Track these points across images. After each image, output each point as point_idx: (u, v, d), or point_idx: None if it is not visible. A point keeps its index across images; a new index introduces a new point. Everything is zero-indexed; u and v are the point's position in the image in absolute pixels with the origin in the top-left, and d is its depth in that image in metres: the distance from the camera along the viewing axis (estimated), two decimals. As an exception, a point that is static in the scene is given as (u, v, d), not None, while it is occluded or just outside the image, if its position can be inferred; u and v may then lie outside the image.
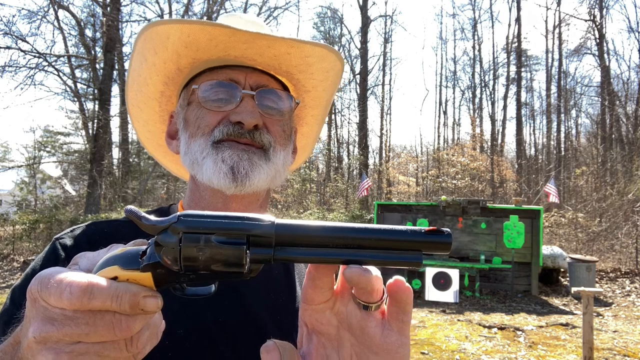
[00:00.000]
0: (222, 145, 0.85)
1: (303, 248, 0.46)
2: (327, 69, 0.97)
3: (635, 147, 19.86)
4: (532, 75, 31.13)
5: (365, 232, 0.46)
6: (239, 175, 0.83)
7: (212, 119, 0.87)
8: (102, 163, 17.96)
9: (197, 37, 0.85)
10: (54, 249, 0.84)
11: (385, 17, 29.29)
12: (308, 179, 23.18)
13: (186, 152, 0.89)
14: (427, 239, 0.46)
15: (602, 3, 24.43)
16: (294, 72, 0.96)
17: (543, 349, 6.19)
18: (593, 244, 14.32)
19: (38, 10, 18.46)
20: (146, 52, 0.89)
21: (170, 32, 0.84)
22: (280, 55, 0.90)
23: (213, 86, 0.88)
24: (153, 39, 0.86)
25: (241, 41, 0.86)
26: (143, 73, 0.93)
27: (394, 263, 0.47)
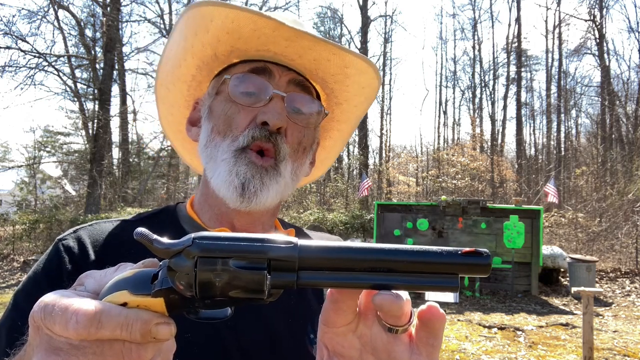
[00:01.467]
0: (243, 157, 0.83)
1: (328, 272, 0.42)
2: (363, 84, 0.94)
3: (635, 147, 19.86)
4: (532, 75, 31.17)
5: (396, 253, 0.42)
6: (247, 192, 0.81)
7: (242, 120, 0.84)
8: (102, 163, 17.97)
9: (241, 25, 0.82)
10: (56, 250, 0.81)
11: (385, 17, 29.33)
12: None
13: (207, 145, 0.87)
14: (465, 261, 0.42)
15: (602, 3, 24.44)
16: (330, 81, 0.94)
17: (543, 349, 6.19)
18: (593, 244, 14.32)
19: (38, 10, 18.48)
20: (187, 32, 0.86)
21: (215, 14, 0.82)
22: (320, 59, 0.88)
23: (245, 78, 0.85)
24: (196, 19, 0.83)
25: (284, 37, 0.83)
26: (179, 53, 0.90)
27: (427, 288, 0.43)
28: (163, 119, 1.05)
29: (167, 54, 0.91)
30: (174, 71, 0.94)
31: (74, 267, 0.77)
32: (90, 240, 0.83)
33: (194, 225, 0.90)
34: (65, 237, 0.84)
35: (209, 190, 0.89)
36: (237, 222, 0.89)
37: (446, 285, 0.42)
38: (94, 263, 0.78)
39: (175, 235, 0.87)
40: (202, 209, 0.92)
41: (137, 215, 0.94)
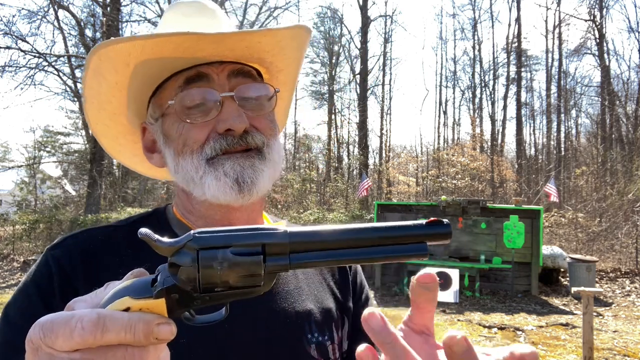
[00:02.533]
0: (219, 160, 0.81)
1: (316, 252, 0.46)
2: (299, 44, 0.92)
3: (635, 147, 19.87)
4: (532, 75, 31.15)
5: (372, 231, 0.47)
6: (245, 185, 0.80)
7: (199, 134, 0.82)
8: (102, 163, 17.97)
9: (161, 49, 0.79)
10: (46, 262, 0.79)
11: (385, 17, 29.31)
12: (308, 179, 23.18)
13: (176, 170, 0.85)
14: (429, 231, 0.48)
15: (602, 3, 24.44)
16: (266, 57, 0.91)
17: (543, 349, 6.19)
18: (593, 244, 14.32)
19: (38, 10, 18.47)
20: (104, 72, 0.82)
21: (129, 49, 0.78)
22: (252, 45, 0.85)
23: (185, 94, 0.82)
24: (111, 58, 0.80)
25: (210, 41, 0.79)
26: (103, 91, 0.87)
27: (402, 257, 0.48)
28: (112, 150, 1.02)
29: (90, 94, 0.87)
30: (105, 107, 0.91)
31: (64, 278, 0.76)
32: (80, 248, 0.81)
33: (185, 229, 0.88)
34: (54, 246, 0.82)
35: (194, 205, 0.88)
36: (235, 221, 0.88)
37: (417, 253, 0.47)
38: (84, 272, 0.78)
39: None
40: (189, 218, 0.90)
41: (126, 219, 0.92)
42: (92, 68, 0.81)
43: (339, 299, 0.97)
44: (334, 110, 28.90)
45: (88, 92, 0.86)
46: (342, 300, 0.97)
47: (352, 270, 1.05)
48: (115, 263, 0.80)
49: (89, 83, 0.84)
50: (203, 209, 0.87)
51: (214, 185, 0.80)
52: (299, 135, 28.80)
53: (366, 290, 1.06)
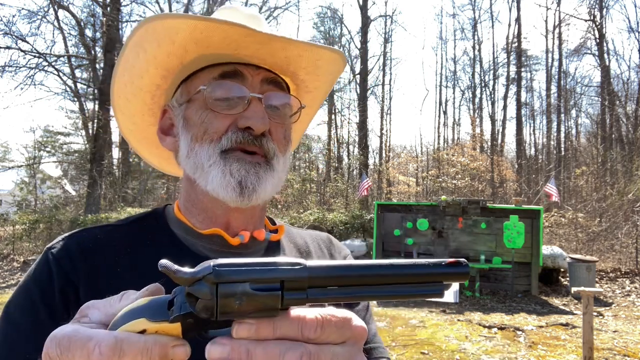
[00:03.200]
0: (230, 156, 0.82)
1: (334, 288, 0.47)
2: (333, 71, 0.96)
3: (635, 147, 19.87)
4: (532, 75, 31.17)
5: (391, 268, 0.48)
6: (246, 190, 0.81)
7: (221, 125, 0.83)
8: (102, 163, 17.98)
9: (210, 35, 0.81)
10: (46, 260, 0.80)
11: (385, 17, 29.32)
12: (308, 179, 23.18)
13: (188, 155, 0.86)
14: (448, 271, 0.48)
15: (602, 3, 24.44)
16: (301, 74, 0.94)
17: (543, 349, 6.19)
18: (593, 244, 14.32)
19: (38, 10, 18.48)
20: (146, 44, 0.83)
21: (181, 27, 0.80)
22: (291, 57, 0.88)
23: (219, 84, 0.84)
24: (157, 32, 0.81)
25: (256, 41, 0.82)
26: (138, 64, 0.88)
27: (417, 295, 0.49)
28: (124, 128, 1.02)
29: (123, 65, 0.88)
30: (134, 82, 0.91)
31: (64, 277, 0.77)
32: (79, 248, 0.81)
33: (184, 228, 0.89)
34: (53, 245, 0.82)
35: (198, 196, 0.88)
36: (233, 221, 0.89)
37: (432, 292, 0.48)
38: (84, 271, 0.78)
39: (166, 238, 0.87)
40: (190, 213, 0.91)
41: (125, 219, 0.92)
42: (134, 40, 0.82)
43: None
44: (334, 110, 28.91)
45: (123, 63, 0.87)
46: None
47: None
48: (113, 263, 0.80)
49: (127, 54, 0.85)
50: (206, 200, 0.87)
51: (218, 179, 0.81)
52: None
53: None
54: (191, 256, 0.85)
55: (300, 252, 1.01)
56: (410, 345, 6.29)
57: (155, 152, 1.06)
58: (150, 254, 0.83)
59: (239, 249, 0.88)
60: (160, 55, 0.85)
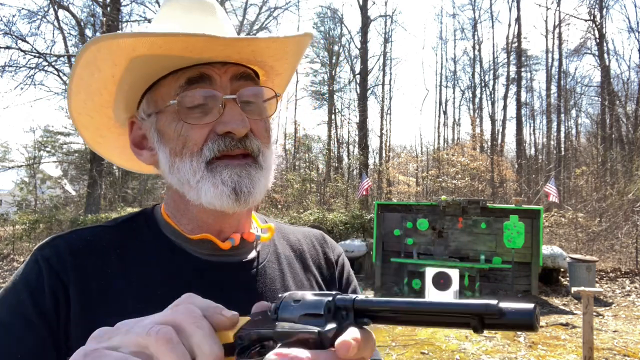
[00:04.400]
0: (217, 165, 0.79)
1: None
2: (301, 51, 0.93)
3: (635, 147, 19.86)
4: (532, 75, 31.15)
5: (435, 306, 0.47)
6: (242, 195, 0.79)
7: (199, 135, 0.80)
8: (102, 163, 17.97)
9: (171, 47, 0.77)
10: (35, 261, 0.78)
11: (385, 17, 29.31)
12: (308, 179, 23.17)
13: (171, 170, 0.83)
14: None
15: (602, 3, 24.43)
16: (269, 61, 0.90)
17: (543, 348, 6.19)
18: (593, 244, 14.32)
19: (38, 10, 18.46)
20: (100, 63, 0.79)
21: (136, 45, 0.76)
22: (258, 50, 0.84)
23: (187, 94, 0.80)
24: (112, 51, 0.77)
25: (220, 43, 0.78)
26: (95, 83, 0.84)
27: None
28: (91, 141, 0.98)
29: (78, 84, 0.84)
30: (93, 99, 0.87)
31: (54, 276, 0.76)
32: (69, 249, 0.80)
33: (174, 232, 0.87)
34: (42, 246, 0.81)
35: (188, 207, 0.86)
36: (226, 227, 0.87)
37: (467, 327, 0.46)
38: (74, 272, 0.77)
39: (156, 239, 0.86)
40: (180, 220, 0.88)
41: (114, 219, 0.90)
42: (85, 59, 0.78)
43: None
44: (334, 110, 28.91)
45: (77, 82, 0.84)
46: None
47: (339, 265, 1.05)
48: (103, 264, 0.80)
49: (80, 73, 0.81)
50: (196, 211, 0.85)
51: (211, 192, 0.79)
52: (299, 135, 28.79)
53: (353, 284, 1.06)
54: (183, 256, 0.84)
55: (294, 250, 1.00)
56: (410, 345, 6.29)
57: (128, 157, 1.01)
58: (140, 254, 0.83)
59: (230, 252, 0.87)
60: (118, 73, 0.82)
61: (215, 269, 0.85)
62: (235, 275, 0.85)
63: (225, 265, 0.86)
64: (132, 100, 0.89)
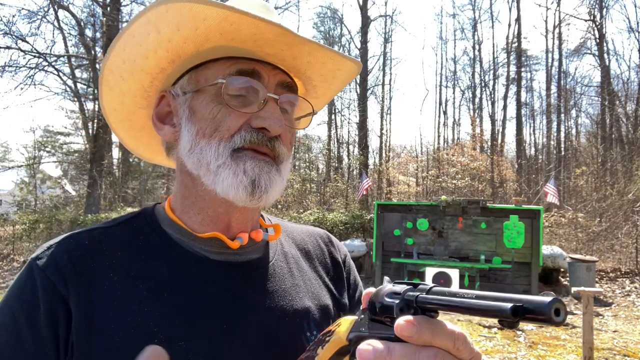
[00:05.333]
0: (243, 155, 0.78)
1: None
2: (346, 80, 0.93)
3: (635, 147, 19.85)
4: (532, 75, 31.16)
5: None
6: (258, 190, 0.77)
7: (234, 123, 0.78)
8: (102, 163, 17.97)
9: (240, 28, 0.75)
10: (29, 272, 0.74)
11: (385, 17, 29.30)
12: (308, 179, 23.18)
13: (192, 149, 0.80)
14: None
15: (602, 3, 24.43)
16: (316, 80, 0.91)
17: (543, 349, 6.19)
18: (593, 244, 14.32)
19: (38, 10, 18.45)
20: (162, 25, 0.75)
21: (210, 14, 0.72)
22: (314, 62, 0.84)
23: (235, 79, 0.79)
24: (181, 15, 0.73)
25: (285, 42, 0.78)
26: (146, 44, 0.79)
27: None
28: (108, 107, 0.92)
29: (126, 39, 0.79)
30: (136, 60, 0.83)
31: (51, 290, 0.71)
32: (67, 256, 0.75)
33: (179, 230, 0.84)
34: (39, 256, 0.75)
35: (199, 193, 0.83)
36: (234, 222, 0.85)
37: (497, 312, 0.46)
38: (74, 282, 0.73)
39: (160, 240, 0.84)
40: (187, 213, 0.85)
41: (112, 220, 0.87)
42: (147, 17, 0.74)
43: (335, 295, 0.96)
44: (334, 110, 28.90)
45: (127, 38, 0.79)
46: (338, 296, 0.97)
47: (347, 266, 1.04)
48: (104, 269, 0.76)
49: (134, 30, 0.77)
50: (208, 198, 0.82)
51: (229, 180, 0.77)
52: (299, 135, 28.79)
53: (360, 287, 1.05)
54: (189, 257, 0.81)
55: (300, 249, 0.99)
56: None
57: (137, 135, 0.98)
58: (144, 256, 0.79)
59: (238, 251, 0.86)
60: (177, 39, 0.78)
61: (225, 269, 0.82)
62: (245, 275, 0.84)
63: (234, 265, 0.84)
64: (174, 74, 0.86)
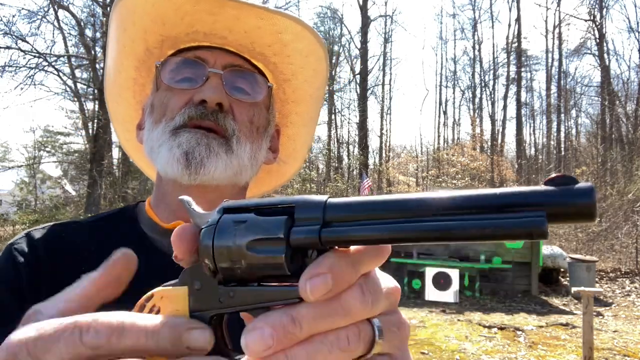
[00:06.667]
0: (182, 132, 0.77)
1: (365, 224, 0.33)
2: (305, 52, 0.87)
3: (635, 147, 19.86)
4: (532, 75, 31.20)
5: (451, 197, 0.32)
6: (193, 161, 0.74)
7: (177, 103, 0.79)
8: (102, 163, 17.98)
9: (162, 8, 0.79)
10: (8, 253, 0.75)
11: (385, 17, 29.33)
12: (308, 179, 23.19)
13: (147, 139, 0.82)
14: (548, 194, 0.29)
15: (602, 3, 24.44)
16: (269, 54, 0.87)
17: (543, 349, 6.19)
18: (593, 244, 14.32)
19: (38, 10, 18.44)
20: (117, 32, 0.83)
21: (137, 4, 0.79)
22: (250, 30, 0.82)
23: (178, 64, 0.82)
24: (122, 15, 0.80)
25: (206, 11, 0.79)
26: (116, 58, 0.86)
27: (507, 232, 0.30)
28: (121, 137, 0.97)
29: (108, 63, 0.87)
30: (116, 79, 0.89)
31: (31, 266, 0.74)
32: (44, 243, 0.77)
33: (151, 225, 0.85)
34: (17, 240, 0.78)
35: (163, 186, 0.84)
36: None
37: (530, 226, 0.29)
38: (48, 266, 0.75)
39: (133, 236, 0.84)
40: (158, 207, 0.86)
41: (93, 216, 0.89)
42: (111, 31, 0.83)
43: None
44: (334, 110, 28.91)
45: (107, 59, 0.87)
46: None
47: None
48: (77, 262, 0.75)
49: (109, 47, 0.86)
50: (170, 190, 0.82)
51: (165, 157, 0.77)
52: (299, 135, 28.70)
53: None
54: (153, 252, 0.80)
55: None
56: (410, 345, 6.28)
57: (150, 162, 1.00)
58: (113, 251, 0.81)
59: None
60: (127, 41, 0.84)
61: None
62: None
63: None
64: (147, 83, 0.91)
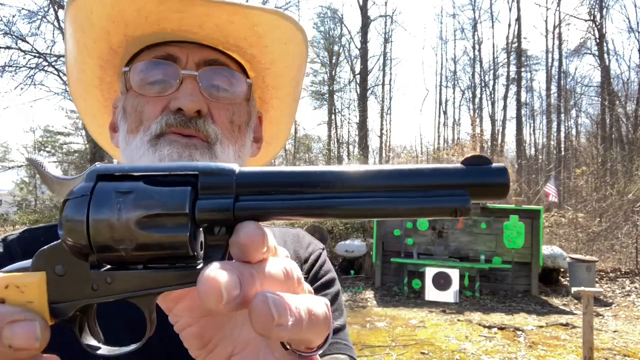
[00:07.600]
0: (162, 141, 0.73)
1: (279, 196, 0.29)
2: (284, 40, 0.82)
3: (635, 147, 19.86)
4: (532, 75, 31.17)
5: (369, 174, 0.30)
6: None
7: (152, 111, 0.75)
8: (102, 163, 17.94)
9: (123, 9, 0.73)
10: None
11: (385, 17, 29.33)
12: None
13: (124, 148, 0.78)
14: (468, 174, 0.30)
15: (602, 3, 24.43)
16: (245, 46, 0.81)
17: (543, 349, 6.19)
18: (593, 244, 14.32)
19: (38, 10, 18.44)
20: (75, 33, 0.77)
21: (93, 5, 0.73)
22: (222, 24, 0.76)
23: (147, 66, 0.76)
24: (77, 16, 0.74)
25: (172, 10, 0.73)
26: (77, 58, 0.81)
27: (428, 210, 0.30)
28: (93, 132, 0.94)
29: (68, 60, 0.82)
30: (80, 77, 0.85)
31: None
32: (22, 249, 0.74)
33: None
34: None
35: None
36: None
37: (454, 204, 0.29)
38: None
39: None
40: None
41: None
42: (67, 31, 0.77)
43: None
44: (334, 110, 28.92)
45: (67, 58, 0.81)
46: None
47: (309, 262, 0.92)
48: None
49: (67, 47, 0.80)
50: None
51: None
52: (299, 135, 28.80)
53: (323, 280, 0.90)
54: None
55: None
56: (410, 345, 6.28)
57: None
58: None
59: None
60: (88, 42, 0.79)
61: None
62: None
63: None
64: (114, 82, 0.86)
